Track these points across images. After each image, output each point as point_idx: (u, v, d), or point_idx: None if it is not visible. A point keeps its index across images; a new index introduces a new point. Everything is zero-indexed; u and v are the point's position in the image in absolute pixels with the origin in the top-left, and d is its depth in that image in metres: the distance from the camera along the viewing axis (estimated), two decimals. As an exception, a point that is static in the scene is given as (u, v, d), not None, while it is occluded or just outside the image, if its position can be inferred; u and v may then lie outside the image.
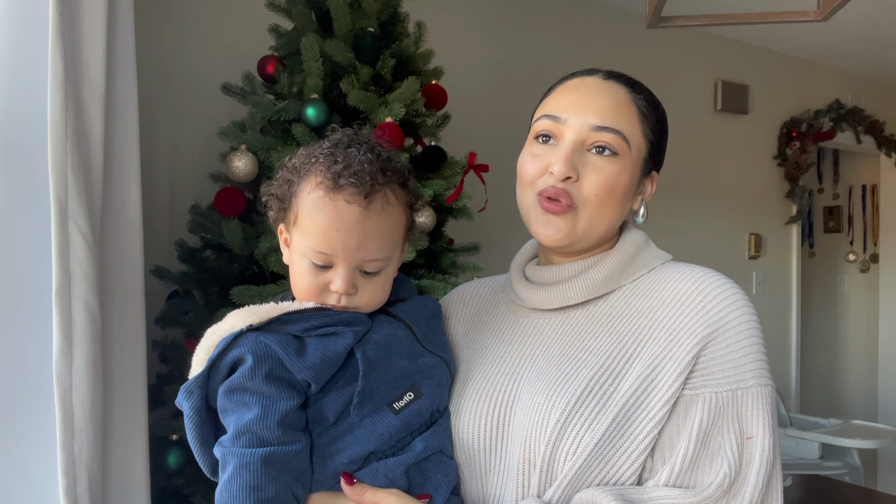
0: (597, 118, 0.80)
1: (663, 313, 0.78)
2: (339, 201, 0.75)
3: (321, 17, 1.77)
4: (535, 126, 0.85)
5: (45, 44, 1.26)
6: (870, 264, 4.57)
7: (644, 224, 0.94)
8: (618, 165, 0.81)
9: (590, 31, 3.05)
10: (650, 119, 0.85)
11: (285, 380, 0.73)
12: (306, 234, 0.77)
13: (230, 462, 0.70)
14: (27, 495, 1.28)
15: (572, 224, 0.81)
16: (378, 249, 0.78)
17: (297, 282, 0.80)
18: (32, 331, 1.28)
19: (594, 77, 0.85)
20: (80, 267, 1.27)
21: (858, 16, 3.13)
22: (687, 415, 0.73)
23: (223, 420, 0.74)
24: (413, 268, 1.72)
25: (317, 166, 0.78)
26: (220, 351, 0.74)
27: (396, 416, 0.77)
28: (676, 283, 0.81)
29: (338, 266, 0.77)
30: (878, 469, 4.18)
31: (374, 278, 0.80)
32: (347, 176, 0.75)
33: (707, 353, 0.74)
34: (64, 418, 1.24)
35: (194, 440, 0.76)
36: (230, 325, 0.76)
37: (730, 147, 3.55)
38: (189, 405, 0.74)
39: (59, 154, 1.25)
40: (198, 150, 2.06)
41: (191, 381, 0.74)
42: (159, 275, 1.76)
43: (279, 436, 0.71)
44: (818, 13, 1.24)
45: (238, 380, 0.73)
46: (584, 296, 0.83)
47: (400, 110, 1.64)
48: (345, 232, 0.75)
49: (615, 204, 0.82)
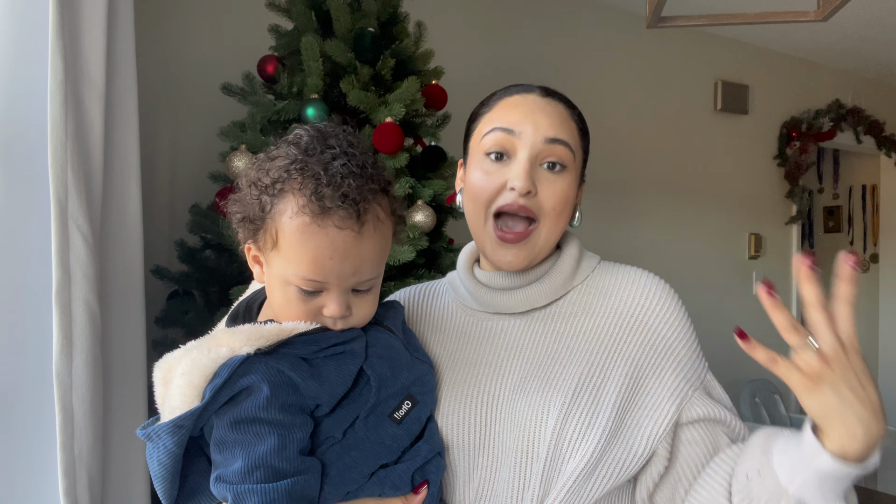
0: (550, 131, 0.85)
1: (627, 313, 0.87)
2: (330, 228, 0.69)
3: (321, 17, 1.77)
4: (484, 140, 0.86)
5: (44, 44, 1.26)
6: (870, 264, 4.56)
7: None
8: (568, 179, 0.86)
9: (590, 31, 3.05)
10: (583, 131, 0.91)
11: (297, 406, 0.69)
12: (292, 262, 0.70)
13: (249, 500, 0.65)
14: (27, 495, 1.28)
15: (531, 247, 0.86)
16: (372, 270, 0.74)
17: (284, 308, 0.73)
18: (32, 331, 1.28)
19: (533, 94, 0.88)
20: (80, 267, 1.27)
21: (858, 16, 3.13)
22: None
23: (220, 452, 0.68)
24: (413, 268, 1.72)
25: (293, 184, 0.69)
26: (225, 379, 0.67)
27: (399, 426, 0.76)
28: (625, 283, 0.90)
29: (330, 290, 0.72)
30: (878, 469, 4.18)
31: (366, 295, 0.76)
32: (335, 199, 0.68)
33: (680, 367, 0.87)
34: (64, 418, 1.23)
35: (166, 475, 0.68)
36: (229, 348, 0.69)
37: (730, 147, 3.55)
38: (174, 441, 0.66)
39: (59, 154, 1.25)
40: (198, 150, 2.06)
41: (184, 416, 0.66)
42: (159, 275, 1.76)
43: (297, 466, 0.67)
44: (818, 13, 1.24)
45: (250, 411, 0.67)
46: (548, 298, 0.88)
47: (400, 110, 1.64)
48: (339, 260, 0.70)
49: (567, 215, 0.88)
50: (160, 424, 0.67)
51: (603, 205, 3.04)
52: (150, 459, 0.69)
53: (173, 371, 0.71)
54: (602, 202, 3.04)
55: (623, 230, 3.12)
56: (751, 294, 3.63)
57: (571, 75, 2.98)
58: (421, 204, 1.67)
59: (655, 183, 3.25)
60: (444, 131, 1.91)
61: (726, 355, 3.57)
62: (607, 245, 3.05)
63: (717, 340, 3.66)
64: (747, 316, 3.63)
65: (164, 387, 0.72)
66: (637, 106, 3.20)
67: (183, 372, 0.68)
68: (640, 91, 3.21)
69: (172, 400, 0.68)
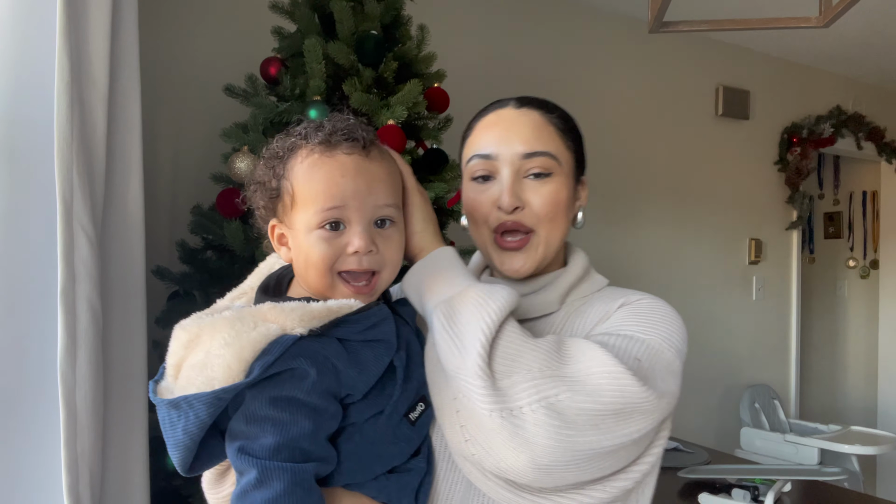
0: (524, 146, 0.86)
1: (597, 319, 0.85)
2: (339, 155, 0.72)
3: (324, 19, 1.78)
4: (468, 168, 0.89)
5: (49, 46, 1.27)
6: (870, 270, 4.57)
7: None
8: (555, 183, 0.86)
9: (592, 36, 3.06)
10: (568, 132, 0.90)
11: (334, 393, 0.69)
12: (309, 202, 0.72)
13: (278, 479, 0.64)
14: (30, 492, 1.28)
15: (534, 252, 0.87)
16: (388, 192, 0.74)
17: (311, 258, 0.72)
18: (36, 330, 1.29)
19: (507, 108, 0.89)
20: (85, 267, 1.28)
21: (860, 22, 3.14)
22: None
23: (247, 425, 0.67)
24: (414, 270, 1.72)
25: (301, 141, 0.74)
26: (277, 357, 0.66)
27: (412, 428, 0.75)
28: (610, 298, 0.88)
29: (352, 222, 0.72)
30: (877, 475, 4.18)
31: (390, 234, 0.75)
32: (339, 134, 0.73)
33: (612, 315, 0.83)
34: (68, 417, 1.24)
35: (190, 444, 0.68)
36: (279, 325, 0.67)
37: (730, 152, 3.55)
38: (209, 412, 0.65)
39: (66, 155, 1.26)
40: (200, 151, 2.06)
41: (227, 389, 0.64)
42: (160, 275, 1.77)
43: (323, 451, 0.68)
44: (819, 19, 1.24)
45: (293, 392, 0.67)
46: (539, 311, 0.88)
47: (402, 113, 1.64)
48: (352, 177, 0.72)
49: (562, 218, 0.88)
50: (197, 394, 0.65)
51: (604, 209, 3.05)
52: (174, 428, 0.67)
53: (202, 338, 0.69)
54: (603, 206, 3.04)
55: (623, 234, 3.12)
56: (751, 299, 3.63)
57: (573, 80, 2.98)
58: (422, 206, 1.68)
59: (656, 187, 3.26)
60: (446, 134, 1.92)
61: (726, 360, 3.58)
62: (608, 249, 3.06)
63: (718, 345, 3.68)
64: (747, 320, 3.64)
65: (185, 350, 0.70)
66: (638, 110, 3.21)
67: (227, 343, 0.66)
68: (641, 96, 3.22)
69: (213, 371, 0.66)
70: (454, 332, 0.71)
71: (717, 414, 3.47)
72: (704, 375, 3.40)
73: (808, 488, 2.06)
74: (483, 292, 0.73)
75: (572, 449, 0.67)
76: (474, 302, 0.72)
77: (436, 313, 0.74)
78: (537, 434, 0.66)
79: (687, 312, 0.92)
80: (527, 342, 0.71)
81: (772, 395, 3.55)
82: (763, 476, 1.93)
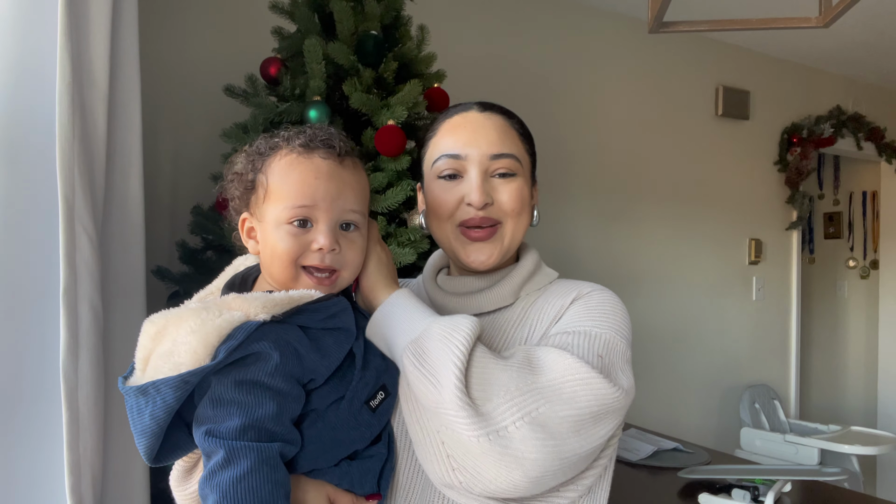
0: (492, 148, 0.90)
1: (550, 311, 0.89)
2: (315, 158, 0.78)
3: (324, 19, 1.78)
4: (434, 167, 0.92)
5: (51, 46, 1.27)
6: (870, 270, 4.57)
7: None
8: (519, 182, 0.91)
9: (592, 36, 3.06)
10: (525, 136, 0.95)
11: (296, 377, 0.72)
12: (282, 197, 0.77)
13: (244, 457, 0.66)
14: (33, 492, 1.28)
15: (500, 243, 0.91)
16: (356, 199, 0.79)
17: (277, 251, 0.77)
18: (37, 330, 1.29)
19: (472, 112, 0.93)
20: (86, 267, 1.28)
21: (860, 22, 3.14)
22: None
23: (213, 409, 0.70)
24: (414, 270, 1.72)
25: (283, 142, 0.80)
26: (240, 342, 0.69)
27: (373, 415, 0.78)
28: (563, 291, 0.92)
29: (319, 222, 0.77)
30: (877, 475, 4.18)
31: (354, 238, 0.80)
32: (318, 141, 0.78)
33: (566, 312, 0.87)
34: (70, 417, 1.24)
35: (156, 430, 0.70)
36: (243, 312, 0.71)
37: (730, 152, 3.55)
38: (176, 396, 0.68)
39: (67, 155, 1.26)
40: (200, 151, 2.06)
41: (193, 372, 0.67)
42: (161, 275, 1.77)
43: (286, 432, 0.71)
44: (820, 19, 1.24)
45: (257, 375, 0.70)
46: (495, 305, 0.92)
47: (402, 113, 1.64)
48: (325, 180, 0.77)
49: (526, 214, 0.93)
50: (164, 379, 0.68)
51: (603, 209, 3.05)
52: (141, 414, 0.70)
53: (168, 329, 0.72)
54: (602, 206, 3.04)
55: (623, 234, 3.12)
56: (751, 299, 3.63)
57: (573, 80, 2.98)
58: (422, 206, 1.68)
59: (656, 187, 3.26)
60: (446, 134, 1.91)
61: (726, 360, 3.58)
62: (608, 249, 3.06)
63: (718, 345, 3.67)
64: (747, 320, 3.64)
65: (152, 342, 0.73)
66: (638, 110, 3.21)
67: (193, 330, 0.69)
68: (641, 96, 3.22)
69: (179, 356, 0.69)
70: (426, 369, 0.73)
71: (717, 414, 3.47)
72: (704, 375, 3.40)
73: (808, 488, 2.06)
74: (447, 326, 0.76)
75: (559, 457, 0.71)
76: (440, 337, 0.75)
77: (405, 355, 0.76)
78: (525, 449, 0.69)
79: (687, 313, 0.93)
80: (498, 363, 0.74)
81: (772, 395, 3.55)
82: (763, 476, 1.93)
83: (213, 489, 0.66)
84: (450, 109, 0.96)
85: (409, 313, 0.80)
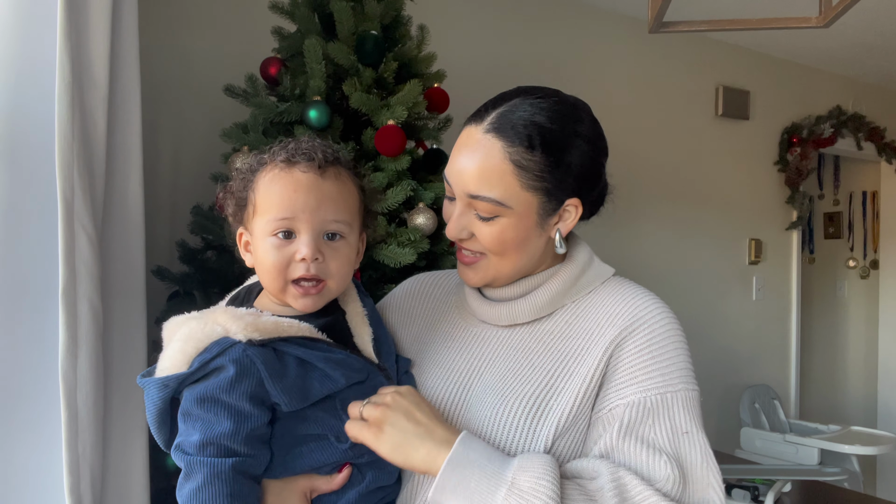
0: (470, 186, 0.83)
1: (598, 332, 0.84)
2: (296, 172, 0.80)
3: (324, 19, 1.78)
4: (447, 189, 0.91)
5: (50, 45, 1.27)
6: (870, 270, 4.57)
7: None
8: (500, 225, 0.84)
9: (592, 36, 3.06)
10: (534, 166, 0.81)
11: (259, 398, 0.75)
12: (266, 211, 0.80)
13: (199, 471, 0.71)
14: (31, 492, 1.28)
15: (484, 270, 0.87)
16: (337, 210, 0.81)
17: (264, 263, 0.80)
18: (36, 330, 1.29)
19: (477, 127, 0.84)
20: (86, 267, 1.28)
21: (860, 22, 3.14)
22: (612, 419, 0.79)
23: (183, 422, 0.75)
24: (414, 270, 1.72)
25: (267, 158, 0.83)
26: (213, 356, 0.74)
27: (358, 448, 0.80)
28: (612, 304, 0.86)
29: (301, 232, 0.79)
30: (877, 475, 4.18)
31: (338, 247, 0.81)
32: (299, 154, 0.81)
33: (626, 349, 0.80)
34: (69, 417, 1.24)
35: (155, 421, 0.78)
36: (224, 328, 0.75)
37: (730, 152, 3.55)
38: (160, 396, 0.75)
39: (67, 155, 1.26)
40: (200, 151, 2.06)
41: (170, 378, 0.75)
42: (160, 275, 1.77)
43: (247, 449, 0.74)
44: (820, 19, 1.24)
45: (213, 390, 0.73)
46: (530, 316, 0.88)
47: (402, 113, 1.64)
48: (304, 193, 0.79)
49: (513, 252, 0.86)
50: (151, 378, 0.76)
51: (603, 209, 3.04)
52: (147, 405, 0.78)
53: (172, 331, 0.79)
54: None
55: (623, 234, 3.12)
56: (751, 299, 3.63)
57: (573, 79, 2.98)
58: (422, 206, 1.68)
59: (656, 188, 3.26)
60: (446, 134, 1.92)
61: (726, 360, 3.58)
62: (607, 249, 3.05)
63: (718, 345, 3.67)
64: (747, 320, 3.64)
65: (166, 341, 0.80)
66: (638, 110, 3.21)
67: (180, 338, 0.75)
68: (641, 96, 3.22)
69: (163, 361, 0.76)
70: None
71: (717, 414, 3.47)
72: (704, 375, 3.39)
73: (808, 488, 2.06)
74: (532, 477, 0.71)
75: None
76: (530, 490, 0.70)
77: None
78: None
79: (687, 312, 0.93)
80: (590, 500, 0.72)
81: (772, 395, 3.55)
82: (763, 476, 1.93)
83: (179, 500, 0.73)
84: (480, 108, 0.88)
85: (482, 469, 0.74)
